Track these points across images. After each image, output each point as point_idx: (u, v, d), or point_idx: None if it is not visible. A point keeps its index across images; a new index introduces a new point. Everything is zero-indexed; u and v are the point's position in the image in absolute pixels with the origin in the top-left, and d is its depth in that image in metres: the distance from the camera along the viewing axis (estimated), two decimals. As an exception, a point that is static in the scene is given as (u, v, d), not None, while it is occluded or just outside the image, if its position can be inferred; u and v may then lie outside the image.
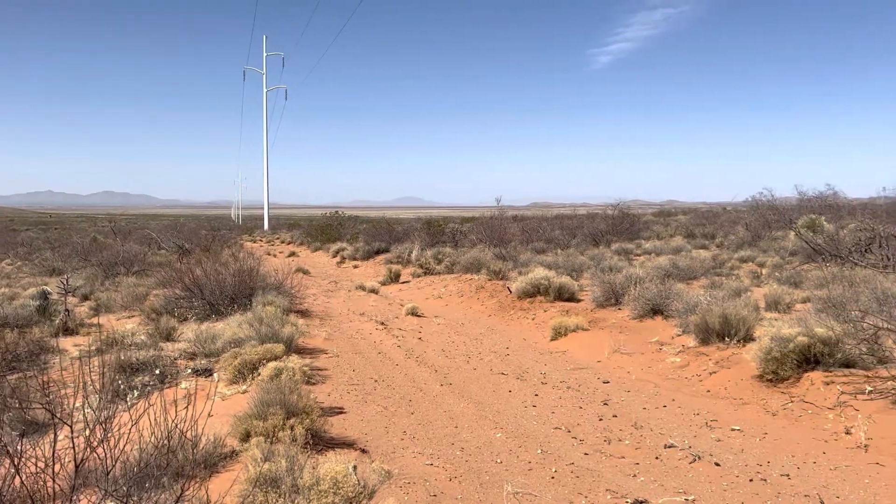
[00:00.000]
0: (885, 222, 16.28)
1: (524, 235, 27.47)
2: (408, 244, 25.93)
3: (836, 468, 5.35)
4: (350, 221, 44.61)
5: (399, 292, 18.30)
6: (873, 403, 6.28)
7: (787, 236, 20.42)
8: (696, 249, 21.80)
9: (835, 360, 7.15)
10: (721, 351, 8.46)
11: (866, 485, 5.00)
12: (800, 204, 29.67)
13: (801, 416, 6.55)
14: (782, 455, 5.67)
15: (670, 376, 8.37)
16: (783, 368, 7.19)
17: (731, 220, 32.24)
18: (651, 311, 10.97)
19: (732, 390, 7.49)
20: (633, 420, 6.73)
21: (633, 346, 9.74)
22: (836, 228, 18.33)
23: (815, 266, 15.11)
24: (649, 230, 30.69)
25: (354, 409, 7.25)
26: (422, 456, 5.84)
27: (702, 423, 6.60)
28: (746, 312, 8.86)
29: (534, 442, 6.16)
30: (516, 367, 9.20)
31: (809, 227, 19.17)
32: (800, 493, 4.89)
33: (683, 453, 5.73)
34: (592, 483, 5.18)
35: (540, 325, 12.14)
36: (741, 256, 18.51)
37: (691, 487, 5.05)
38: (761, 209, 27.50)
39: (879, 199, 24.06)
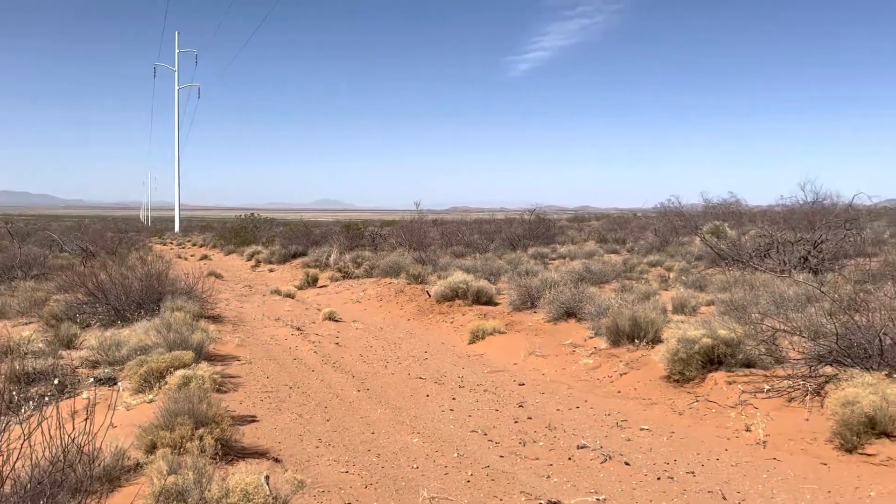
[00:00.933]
0: (783, 229, 17.25)
1: (444, 239, 27.61)
2: (326, 248, 25.60)
3: (737, 464, 5.60)
4: (266, 224, 43.60)
5: (316, 297, 18.02)
6: (771, 401, 6.62)
7: (694, 241, 21.34)
8: (608, 254, 22.50)
9: (737, 361, 7.48)
10: (631, 352, 8.73)
11: (764, 479, 5.26)
12: (705, 210, 31.01)
13: (705, 414, 6.83)
14: (688, 453, 5.89)
15: (583, 378, 8.58)
16: (689, 369, 7.48)
17: (642, 226, 33.43)
18: (565, 313, 11.21)
19: (642, 391, 7.74)
20: (548, 421, 6.85)
21: (548, 349, 9.92)
22: (739, 234, 19.29)
23: (718, 270, 15.85)
24: (564, 235, 31.45)
25: (268, 417, 7.07)
26: (337, 463, 5.75)
27: (613, 423, 6.79)
28: (655, 315, 9.18)
29: (450, 446, 6.17)
30: (434, 372, 9.20)
31: (714, 232, 20.09)
32: (704, 489, 5.09)
33: (595, 453, 5.87)
34: (507, 485, 5.23)
35: (458, 329, 12.20)
36: (650, 261, 19.21)
37: (602, 487, 5.17)
38: (669, 215, 28.63)
39: (777, 206, 25.46)
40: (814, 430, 5.95)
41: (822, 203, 20.28)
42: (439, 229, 30.03)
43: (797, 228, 16.78)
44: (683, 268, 17.36)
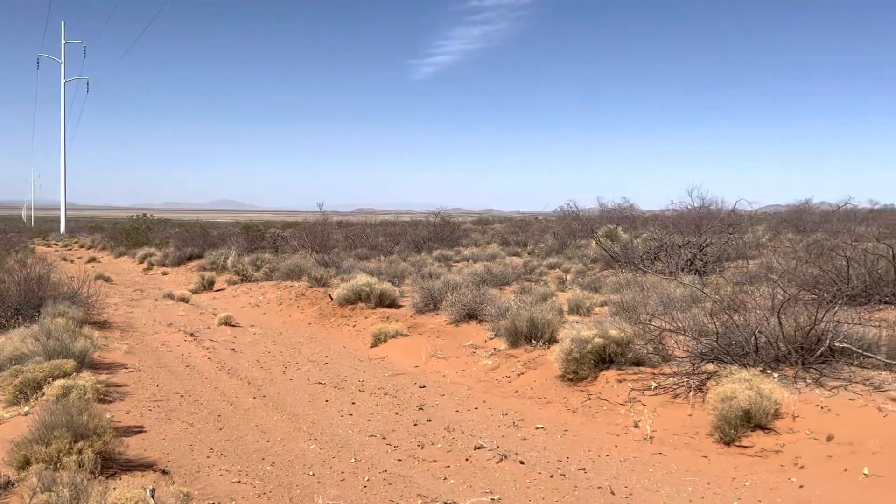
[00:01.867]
0: (672, 233, 18.13)
1: (348, 242, 27.35)
2: (224, 250, 24.80)
3: (626, 460, 5.82)
4: (160, 225, 41.84)
5: (213, 301, 17.43)
6: (658, 398, 6.93)
7: (590, 244, 22.08)
8: (509, 256, 22.93)
9: (627, 360, 7.79)
10: (529, 353, 8.93)
11: (650, 474, 5.49)
12: (602, 215, 32.15)
13: (597, 412, 7.07)
14: (580, 450, 6.08)
15: (483, 378, 8.70)
16: (582, 368, 7.72)
17: (542, 229, 34.32)
18: (467, 315, 11.33)
19: (538, 390, 7.92)
20: (447, 423, 6.89)
21: (450, 351, 10.00)
22: (632, 238, 20.14)
23: (612, 272, 16.47)
24: (468, 238, 31.82)
25: (156, 427, 6.76)
26: (229, 474, 5.56)
27: (510, 422, 6.91)
28: (551, 316, 9.43)
29: (348, 451, 6.10)
30: (335, 376, 9.08)
31: (609, 236, 20.87)
32: (594, 485, 5.26)
33: (492, 453, 5.96)
34: (404, 489, 5.22)
35: (361, 332, 12.10)
36: (549, 263, 19.73)
37: (497, 487, 5.25)
38: (567, 219, 29.51)
39: (668, 211, 26.75)
40: (696, 425, 6.27)
41: (709, 208, 21.43)
42: (343, 231, 29.73)
43: (685, 232, 17.67)
44: (580, 270, 17.92)
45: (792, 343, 7.06)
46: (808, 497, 4.85)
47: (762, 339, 7.16)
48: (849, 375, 6.75)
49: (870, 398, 6.13)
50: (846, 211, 27.22)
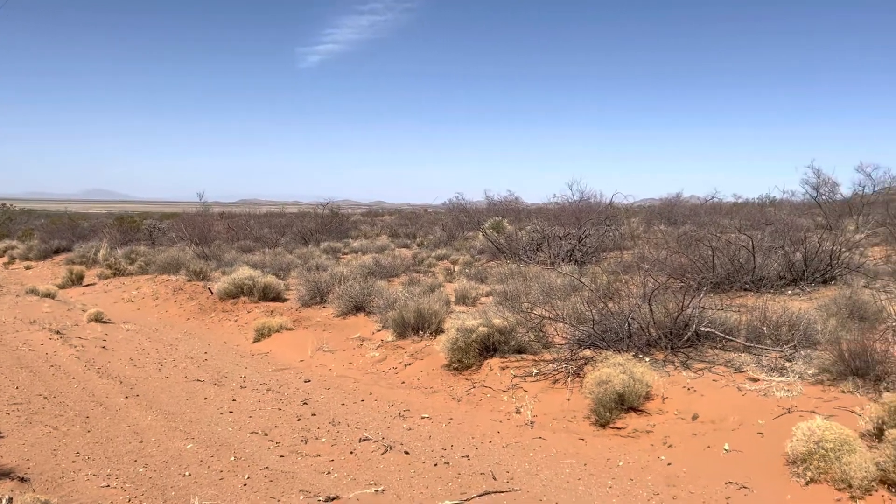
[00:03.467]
0: (554, 225, 18.72)
1: (230, 233, 26.41)
2: (95, 242, 23.32)
3: (508, 445, 5.96)
4: (23, 216, 38.75)
5: (82, 296, 16.35)
6: (538, 384, 7.14)
7: (477, 236, 22.43)
8: (399, 248, 22.93)
9: (510, 347, 7.98)
10: (416, 344, 8.96)
11: (531, 458, 5.65)
12: (489, 207, 32.73)
13: (481, 399, 7.19)
14: (464, 438, 6.16)
15: (370, 371, 8.64)
16: (467, 357, 7.84)
17: (431, 221, 34.52)
18: (355, 308, 11.23)
19: (424, 380, 7.97)
20: (332, 417, 6.80)
21: (336, 344, 9.88)
22: (516, 230, 20.60)
23: (498, 263, 16.82)
24: (357, 229, 31.52)
25: (16, 432, 6.25)
26: (97, 478, 5.23)
27: (396, 413, 6.91)
28: (438, 307, 9.51)
29: (227, 449, 5.89)
30: (214, 373, 8.75)
31: (495, 228, 21.25)
32: (476, 471, 5.35)
33: (377, 445, 5.93)
34: (286, 485, 5.11)
35: (243, 327, 11.73)
36: (438, 255, 19.88)
37: (382, 478, 5.24)
38: (456, 211, 29.85)
39: (551, 204, 27.60)
40: (574, 409, 6.51)
41: (588, 201, 22.26)
42: (226, 223, 28.68)
43: (566, 224, 18.27)
44: (468, 261, 18.17)
45: (662, 328, 7.46)
46: (674, 473, 5.15)
47: (635, 326, 7.52)
48: (713, 358, 7.22)
49: (731, 378, 6.59)
50: (712, 204, 29.08)
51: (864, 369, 6.07)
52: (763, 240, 12.84)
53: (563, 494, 4.90)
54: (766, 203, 30.04)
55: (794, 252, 11.67)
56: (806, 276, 11.13)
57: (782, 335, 7.34)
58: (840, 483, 4.57)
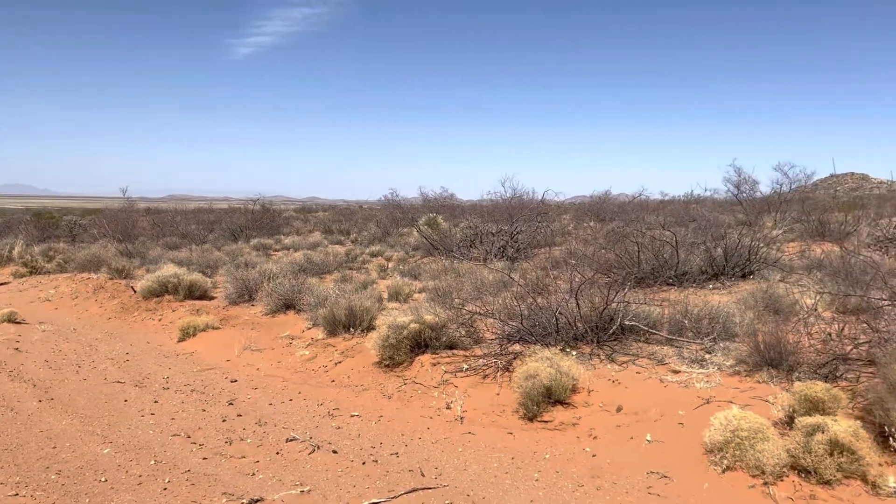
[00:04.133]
0: (487, 221, 18.87)
1: (156, 230, 25.59)
2: (10, 239, 22.19)
3: (437, 441, 5.96)
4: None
5: (-5, 296, 15.53)
6: (469, 379, 7.17)
7: (412, 233, 22.42)
8: (332, 245, 22.67)
9: (441, 343, 7.98)
10: (347, 341, 8.87)
11: (460, 453, 5.66)
12: (424, 204, 32.75)
13: (412, 396, 7.17)
14: (394, 435, 6.13)
15: (299, 370, 8.50)
16: (398, 354, 7.81)
17: (366, 218, 34.32)
18: (284, 306, 11.04)
19: (355, 378, 7.89)
20: (258, 417, 6.66)
21: (265, 342, 9.68)
22: (451, 226, 20.68)
23: (432, 259, 16.84)
24: (290, 226, 31.03)
25: (-86, 441, 5.89)
26: (4, 486, 4.98)
27: (325, 412, 6.82)
28: (370, 304, 9.44)
29: (147, 453, 5.69)
30: (136, 374, 8.45)
31: (429, 224, 21.28)
32: (405, 468, 5.33)
33: (304, 445, 5.84)
34: (208, 488, 4.97)
35: (167, 327, 11.36)
36: (372, 251, 19.76)
37: (308, 478, 5.15)
38: (390, 208, 29.75)
39: (485, 201, 27.81)
40: (503, 403, 6.56)
41: (521, 198, 22.53)
42: (151, 219, 27.77)
43: (499, 221, 18.45)
44: (402, 258, 18.13)
45: (588, 322, 7.61)
46: (599, 464, 5.25)
47: (563, 320, 7.65)
48: (637, 351, 7.41)
49: (654, 371, 6.77)
50: (640, 201, 29.94)
51: (777, 360, 6.34)
52: (686, 236, 13.25)
53: (490, 489, 4.93)
54: (690, 200, 31.05)
55: (715, 248, 12.09)
56: (726, 271, 11.55)
57: (703, 328, 7.59)
58: (754, 470, 4.75)
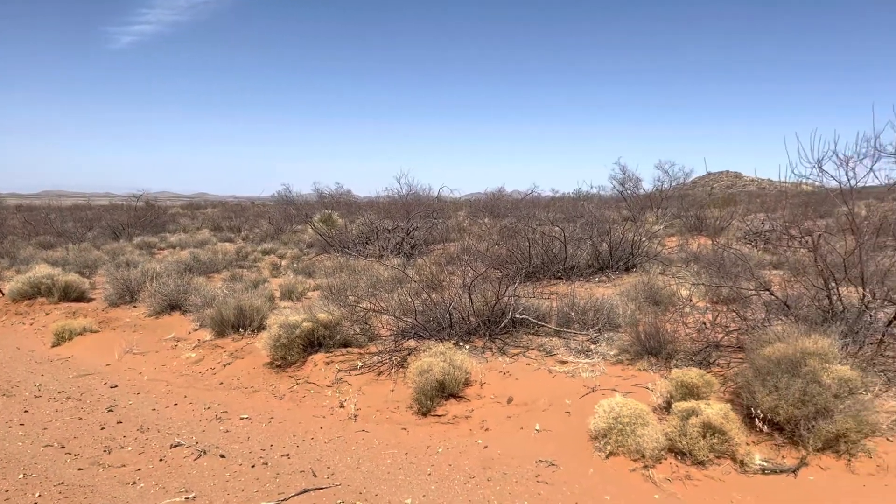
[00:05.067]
0: (384, 218, 18.81)
1: (27, 228, 23.88)
2: None
3: (331, 441, 5.89)
4: None
5: None
6: (363, 377, 7.13)
7: (306, 230, 22.02)
8: (221, 242, 21.92)
9: (335, 342, 7.89)
10: (236, 342, 8.61)
11: (353, 451, 5.62)
12: (319, 200, 32.25)
13: (305, 396, 7.05)
14: (285, 436, 6.00)
15: (185, 373, 8.17)
16: (291, 353, 7.65)
17: (258, 214, 33.40)
18: (169, 307, 10.58)
19: (245, 379, 7.67)
20: (141, 424, 6.35)
21: (148, 345, 9.24)
22: (347, 223, 20.47)
23: (327, 257, 16.61)
24: (176, 223, 29.76)
25: None
26: None
27: (212, 416, 6.58)
28: (260, 303, 9.20)
29: (16, 466, 5.30)
30: (3, 383, 7.85)
31: (325, 221, 20.97)
32: (296, 469, 5.23)
33: (190, 450, 5.62)
34: (84, 500, 4.69)
35: (40, 331, 10.62)
36: (264, 249, 19.26)
37: (194, 484, 4.96)
38: (284, 204, 29.11)
39: (382, 197, 27.71)
40: (398, 399, 6.57)
41: (417, 195, 22.62)
42: (23, 216, 25.87)
43: (396, 217, 18.44)
44: (296, 255, 17.77)
45: (481, 317, 7.75)
46: (490, 455, 5.35)
47: (456, 315, 7.74)
48: (527, 343, 7.61)
49: (543, 362, 6.98)
50: (532, 198, 30.68)
51: (657, 349, 6.68)
52: (575, 232, 13.73)
53: (383, 485, 4.92)
54: (579, 197, 32.18)
55: (601, 243, 12.60)
56: (611, 265, 12.07)
57: (589, 320, 7.89)
58: (635, 454, 4.99)
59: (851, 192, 5.95)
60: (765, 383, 5.08)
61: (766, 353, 5.27)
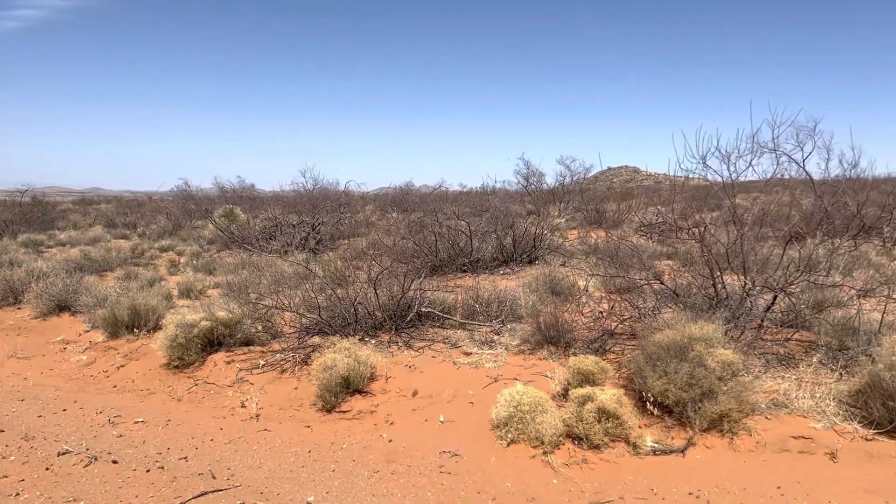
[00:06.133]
0: (289, 212, 18.45)
1: None
2: None
3: (231, 441, 5.75)
4: None
5: None
6: (266, 375, 6.99)
7: (207, 225, 21.32)
8: (116, 239, 20.89)
9: (236, 340, 7.70)
10: (130, 343, 8.25)
11: (254, 451, 5.51)
12: (221, 195, 31.27)
13: (204, 397, 6.84)
14: (183, 439, 5.81)
15: (75, 376, 7.76)
16: (188, 353, 7.41)
17: (155, 210, 31.99)
18: (57, 307, 10.02)
19: (140, 382, 7.37)
20: (25, 431, 5.98)
21: (34, 349, 8.72)
22: (250, 218, 19.95)
23: (229, 253, 16.16)
24: (66, 219, 28.11)
25: None
26: None
27: (104, 420, 6.29)
28: (157, 302, 8.85)
29: None
30: None
31: (226, 216, 20.37)
32: (195, 472, 5.08)
33: (79, 457, 5.35)
34: (-41, 517, 4.39)
35: None
36: (162, 246, 18.51)
37: (84, 492, 4.73)
38: (183, 199, 28.06)
39: (287, 192, 27.14)
40: (301, 397, 6.48)
41: (325, 189, 22.31)
42: None
43: (301, 212, 18.13)
44: (196, 252, 17.18)
45: (387, 311, 7.75)
46: (394, 449, 5.37)
47: (362, 310, 7.71)
48: (433, 336, 7.68)
49: (448, 354, 7.06)
50: (440, 193, 30.88)
51: (556, 338, 6.89)
52: (480, 225, 13.93)
53: (285, 484, 4.86)
54: (486, 192, 32.65)
55: (505, 236, 12.84)
56: (515, 257, 12.32)
57: (492, 311, 8.04)
58: (535, 441, 5.13)
59: (733, 185, 6.33)
60: (655, 368, 5.34)
61: (657, 340, 5.53)
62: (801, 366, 5.98)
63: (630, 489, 4.55)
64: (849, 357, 5.81)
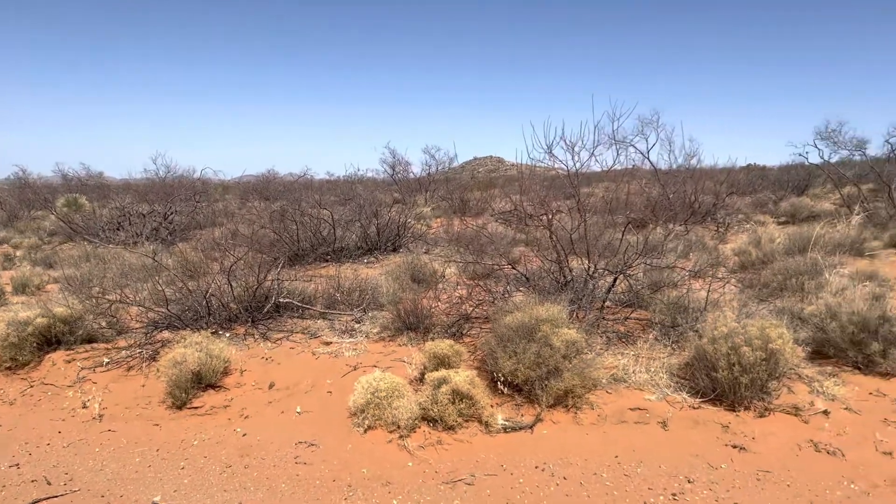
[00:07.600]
0: (140, 202, 17.44)
1: None
2: None
3: (70, 444, 5.39)
4: None
5: None
6: (111, 373, 6.60)
7: (48, 216, 19.73)
8: (-61, 232, 18.86)
9: (77, 338, 7.21)
10: (-47, 345, 7.50)
11: (97, 453, 5.20)
12: (66, 183, 29.06)
13: (41, 399, 6.37)
14: (15, 444, 5.39)
15: None
16: (22, 353, 6.86)
17: (-12, 199, 29.17)
18: None
19: (-35, 387, 6.73)
20: None
21: None
22: (97, 208, 18.66)
23: (73, 245, 15.05)
24: None
25: None
26: None
27: (-80, 431, 5.70)
28: (-15, 299, 8.10)
29: None
30: None
31: (70, 205, 18.94)
32: (27, 479, 4.73)
33: None
34: None
35: None
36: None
37: None
38: (19, 187, 25.79)
39: (140, 180, 25.61)
40: (149, 395, 6.18)
41: (180, 177, 21.28)
42: None
43: (154, 201, 17.20)
44: (34, 244, 15.87)
45: (242, 303, 7.54)
46: (249, 443, 5.26)
47: (215, 303, 7.45)
48: (291, 327, 7.56)
49: (307, 345, 6.99)
50: (305, 181, 30.32)
51: (415, 324, 7.00)
52: (345, 214, 13.84)
53: (129, 485, 4.63)
54: (354, 180, 32.43)
55: (370, 225, 12.84)
56: (380, 246, 12.36)
57: (354, 300, 8.04)
58: (392, 426, 5.20)
59: (577, 174, 6.70)
60: (505, 349, 5.56)
61: (507, 322, 5.76)
62: (639, 342, 6.45)
63: (481, 466, 4.73)
64: (679, 333, 6.33)
